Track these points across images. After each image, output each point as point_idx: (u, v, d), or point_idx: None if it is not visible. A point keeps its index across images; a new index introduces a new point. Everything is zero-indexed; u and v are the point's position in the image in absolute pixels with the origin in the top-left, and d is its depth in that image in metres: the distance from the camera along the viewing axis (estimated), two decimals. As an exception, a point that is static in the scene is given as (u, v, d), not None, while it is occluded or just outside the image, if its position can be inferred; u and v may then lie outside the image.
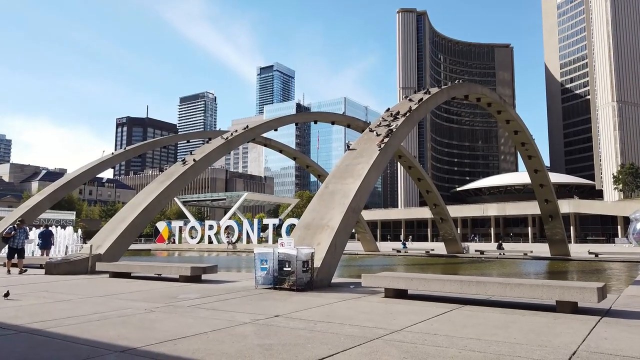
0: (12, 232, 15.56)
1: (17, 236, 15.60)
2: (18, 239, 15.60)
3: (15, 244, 15.46)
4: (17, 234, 15.59)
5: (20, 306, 8.51)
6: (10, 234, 15.54)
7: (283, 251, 10.85)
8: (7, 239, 15.65)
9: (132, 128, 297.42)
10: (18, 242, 15.58)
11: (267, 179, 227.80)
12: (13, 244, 15.46)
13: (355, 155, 14.95)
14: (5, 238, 15.83)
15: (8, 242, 15.62)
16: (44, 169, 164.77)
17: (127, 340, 5.82)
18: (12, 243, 15.48)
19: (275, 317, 7.37)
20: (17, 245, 15.49)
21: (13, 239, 15.49)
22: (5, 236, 15.84)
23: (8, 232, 15.67)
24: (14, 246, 15.44)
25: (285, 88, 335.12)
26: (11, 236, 15.51)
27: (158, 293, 10.37)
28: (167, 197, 18.52)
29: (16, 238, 15.55)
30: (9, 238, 15.55)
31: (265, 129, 24.32)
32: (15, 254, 15.46)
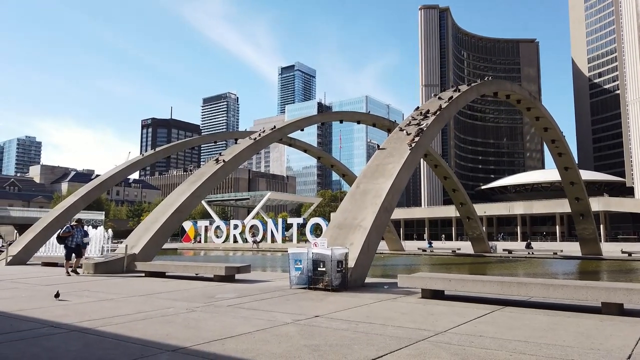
0: (70, 232, 15.31)
1: (75, 235, 15.34)
2: (75, 238, 15.34)
3: (72, 242, 15.20)
4: (74, 234, 15.34)
5: (67, 305, 8.76)
6: (68, 233, 15.28)
7: (317, 251, 10.89)
8: (64, 238, 15.33)
9: (156, 129, 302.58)
10: (76, 241, 15.30)
11: (289, 178, 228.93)
12: (71, 243, 15.15)
13: (385, 155, 14.89)
14: (62, 238, 15.46)
15: (65, 242, 15.28)
16: (73, 170, 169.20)
17: (176, 339, 5.93)
18: (69, 242, 15.17)
19: (315, 317, 7.40)
20: (73, 244, 15.18)
21: (70, 239, 15.24)
22: (62, 236, 15.49)
23: (65, 232, 15.40)
24: (71, 245, 15.14)
25: (307, 87, 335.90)
26: (69, 235, 15.26)
27: (195, 292, 10.53)
28: (198, 197, 18.78)
29: (74, 237, 15.30)
30: (66, 238, 15.29)
31: (292, 128, 24.43)
32: (73, 253, 15.16)
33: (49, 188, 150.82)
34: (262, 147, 23.43)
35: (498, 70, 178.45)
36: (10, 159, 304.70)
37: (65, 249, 15.20)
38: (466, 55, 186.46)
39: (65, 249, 15.24)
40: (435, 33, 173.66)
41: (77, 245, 15.28)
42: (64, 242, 15.30)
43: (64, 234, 15.32)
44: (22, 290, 11.35)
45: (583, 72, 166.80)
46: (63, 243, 15.36)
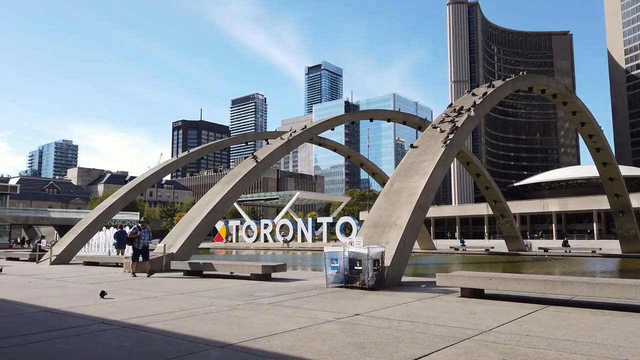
0: (138, 232, 14.70)
1: (142, 236, 14.70)
2: (143, 239, 14.70)
3: (139, 244, 14.60)
4: (141, 234, 14.72)
5: (113, 303, 9.07)
6: (135, 234, 14.67)
7: (353, 250, 10.92)
8: (132, 239, 14.75)
9: (187, 131, 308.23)
10: (143, 242, 14.68)
11: (317, 177, 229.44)
12: (138, 245, 14.60)
13: (419, 153, 14.78)
14: (130, 239, 14.89)
15: (133, 243, 14.75)
16: (108, 172, 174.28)
17: (222, 336, 6.07)
18: (136, 244, 14.61)
19: (356, 315, 7.44)
20: (141, 246, 14.62)
21: (138, 240, 14.63)
22: (130, 237, 14.91)
23: (133, 233, 14.81)
24: (138, 247, 14.58)
25: (334, 86, 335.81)
26: (136, 236, 14.63)
27: (234, 291, 10.72)
28: (232, 197, 19.08)
29: (141, 238, 14.66)
30: (134, 239, 14.69)
31: (323, 128, 24.51)
32: (140, 255, 14.64)
33: (85, 190, 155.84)
34: (293, 147, 23.60)
35: (530, 65, 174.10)
36: (49, 162, 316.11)
37: (132, 250, 14.79)
38: (496, 50, 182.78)
39: (132, 250, 14.84)
40: (464, 28, 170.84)
41: (144, 248, 14.69)
42: (131, 243, 14.82)
43: (132, 235, 14.82)
44: (69, 288, 11.80)
45: (619, 64, 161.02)
46: (131, 244, 14.92)
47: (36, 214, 65.42)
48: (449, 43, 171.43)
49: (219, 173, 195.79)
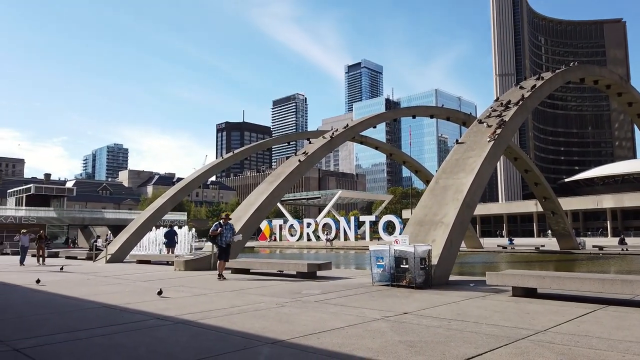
0: (219, 229, 13.56)
1: (225, 233, 13.57)
2: (225, 236, 13.59)
3: (222, 241, 13.52)
4: (223, 231, 13.57)
5: (167, 300, 9.41)
6: (217, 232, 13.53)
7: (399, 248, 10.84)
8: (215, 237, 13.63)
9: (230, 132, 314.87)
10: (226, 240, 13.58)
11: (359, 176, 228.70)
12: (221, 242, 13.51)
13: (465, 149, 14.47)
14: (213, 237, 13.73)
15: (215, 241, 13.67)
16: (157, 174, 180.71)
17: (272, 332, 6.19)
18: (220, 241, 13.52)
19: (404, 314, 7.39)
20: (224, 243, 13.55)
21: (220, 237, 13.53)
22: (212, 235, 13.70)
23: (214, 230, 13.61)
24: (222, 244, 13.50)
25: (374, 84, 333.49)
26: (218, 234, 13.52)
27: (282, 288, 10.88)
28: (276, 196, 19.35)
29: (223, 235, 13.54)
30: (216, 237, 13.60)
31: (365, 126, 24.41)
32: (223, 253, 13.52)
33: (136, 191, 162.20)
34: (335, 146, 23.64)
35: (580, 55, 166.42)
36: (101, 165, 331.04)
37: (217, 248, 13.75)
38: (543, 41, 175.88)
39: (217, 249, 13.81)
40: (509, 19, 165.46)
41: (227, 245, 13.59)
42: (214, 241, 13.77)
43: (213, 233, 13.63)
44: (125, 285, 12.33)
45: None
46: (214, 242, 13.86)
47: (91, 215, 68.72)
48: (493, 35, 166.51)
49: (262, 173, 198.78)
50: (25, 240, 21.97)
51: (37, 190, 63.82)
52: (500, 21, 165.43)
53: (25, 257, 21.96)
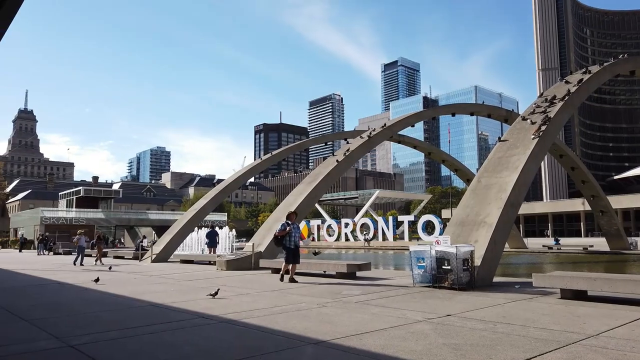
0: (287, 228, 12.46)
1: (293, 233, 12.49)
2: (294, 237, 12.50)
3: (291, 242, 12.42)
4: (292, 230, 12.50)
5: (211, 299, 9.61)
6: (285, 231, 12.44)
7: (440, 249, 10.66)
8: (282, 238, 12.53)
9: (268, 134, 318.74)
10: (294, 240, 12.51)
11: (396, 175, 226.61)
12: (289, 243, 12.41)
13: (508, 147, 14.07)
14: (279, 238, 12.60)
15: (283, 242, 12.53)
16: (197, 176, 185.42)
17: (315, 333, 6.22)
18: (288, 242, 12.43)
19: (447, 316, 7.26)
20: (293, 244, 12.46)
21: (288, 238, 12.46)
22: (278, 235, 12.59)
23: (281, 230, 12.50)
24: (290, 246, 12.39)
25: (411, 82, 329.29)
26: (286, 233, 12.44)
27: (322, 289, 10.91)
28: (315, 197, 19.43)
29: (292, 236, 12.46)
30: (283, 237, 12.51)
31: (402, 125, 24.16)
32: (292, 256, 12.43)
33: (178, 193, 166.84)
34: (373, 146, 23.51)
35: (628, 46, 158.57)
36: (145, 167, 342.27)
37: (285, 250, 12.62)
38: (589, 33, 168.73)
39: (284, 250, 12.65)
40: (552, 11, 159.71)
41: (296, 247, 12.53)
42: (281, 243, 12.59)
43: (280, 233, 12.53)
44: (170, 285, 12.69)
45: None
46: (281, 244, 12.66)
47: (136, 216, 71.22)
48: (536, 28, 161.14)
49: (299, 174, 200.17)
50: (83, 241, 22.37)
51: (86, 193, 66.72)
52: (543, 13, 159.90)
53: (83, 257, 22.30)
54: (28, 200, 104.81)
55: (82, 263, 21.60)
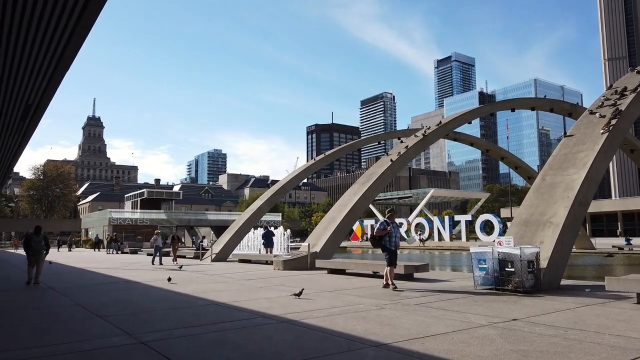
0: (387, 227, 11.10)
1: (393, 233, 11.16)
2: (394, 237, 11.17)
3: (392, 243, 11.08)
4: (391, 231, 11.14)
5: (270, 299, 9.80)
6: (383, 232, 11.08)
7: (503, 250, 10.27)
8: (380, 238, 11.15)
9: (320, 134, 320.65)
10: (396, 241, 11.20)
11: (452, 174, 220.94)
12: (390, 244, 11.05)
13: (574, 142, 13.34)
14: (378, 238, 11.21)
15: (382, 242, 11.12)
16: (252, 177, 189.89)
17: (375, 335, 6.17)
18: (388, 243, 11.05)
19: (513, 320, 6.98)
20: (394, 245, 11.13)
21: (389, 238, 11.10)
22: (377, 234, 11.21)
23: (381, 229, 11.14)
24: (391, 247, 11.03)
25: (466, 78, 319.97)
26: (386, 233, 11.07)
27: (379, 290, 10.83)
28: (369, 197, 19.32)
29: (392, 235, 11.13)
30: (382, 237, 11.12)
31: (459, 122, 23.51)
32: (395, 258, 11.17)
33: (234, 194, 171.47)
34: (428, 144, 23.05)
35: None
36: (203, 169, 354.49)
37: (385, 252, 11.15)
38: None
39: (384, 252, 11.21)
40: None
41: (396, 249, 11.24)
42: (380, 243, 11.20)
43: (379, 233, 11.16)
44: (230, 284, 13.06)
45: None
46: (380, 245, 11.24)
47: (196, 217, 73.97)
48: (601, 16, 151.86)
49: (352, 173, 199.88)
50: (160, 241, 22.74)
51: (150, 195, 70.04)
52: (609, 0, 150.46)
53: (162, 256, 22.63)
54: (97, 202, 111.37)
55: (161, 262, 21.85)
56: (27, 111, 7.44)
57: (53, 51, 5.47)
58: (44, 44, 5.30)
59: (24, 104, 7.18)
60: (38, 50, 5.45)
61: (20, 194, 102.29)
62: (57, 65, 5.81)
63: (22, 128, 8.48)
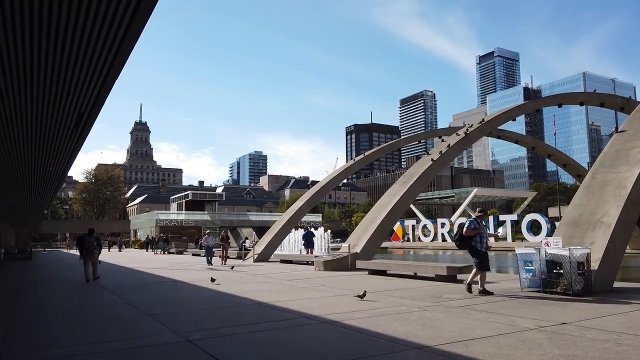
0: (478, 227, 10.17)
1: (484, 234, 10.26)
2: (484, 238, 10.27)
3: (483, 245, 10.20)
4: (482, 231, 10.24)
5: (312, 299, 9.89)
6: (474, 231, 10.13)
7: (551, 251, 9.93)
8: (469, 238, 10.22)
9: (359, 134, 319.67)
10: (486, 243, 10.34)
11: (496, 172, 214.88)
12: (481, 246, 10.14)
13: (627, 138, 12.72)
14: (465, 238, 10.28)
15: (471, 243, 10.20)
16: (292, 178, 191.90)
17: (417, 337, 6.12)
18: (479, 245, 10.14)
19: (562, 324, 6.75)
20: (484, 247, 10.22)
21: (480, 239, 10.17)
22: (466, 235, 10.22)
23: (471, 229, 10.13)
24: (482, 249, 10.14)
25: (509, 73, 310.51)
26: (476, 233, 10.14)
27: (421, 291, 10.71)
28: (410, 197, 19.12)
29: (484, 237, 10.25)
30: (471, 238, 10.21)
31: (503, 120, 22.82)
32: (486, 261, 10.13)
33: (275, 195, 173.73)
34: (471, 142, 22.52)
35: None
36: (244, 171, 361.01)
37: (474, 255, 10.16)
38: None
39: (473, 255, 10.20)
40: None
41: (486, 251, 10.26)
42: (468, 245, 10.26)
43: (469, 232, 10.16)
44: (272, 284, 13.25)
45: None
46: (467, 247, 10.32)
47: (238, 218, 75.50)
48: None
49: (392, 173, 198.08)
50: (210, 241, 23.04)
51: (194, 196, 72.04)
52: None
53: (212, 257, 22.86)
54: (144, 204, 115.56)
55: (210, 262, 21.98)
56: (80, 118, 7.84)
57: (104, 61, 5.76)
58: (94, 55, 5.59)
59: (77, 111, 7.57)
60: (90, 61, 5.75)
61: (74, 196, 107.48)
62: (108, 73, 6.11)
63: (76, 135, 8.95)
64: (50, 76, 6.08)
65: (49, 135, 8.93)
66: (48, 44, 5.23)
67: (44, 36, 5.08)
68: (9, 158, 11.14)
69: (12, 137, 9.23)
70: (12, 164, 12.15)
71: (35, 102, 7.05)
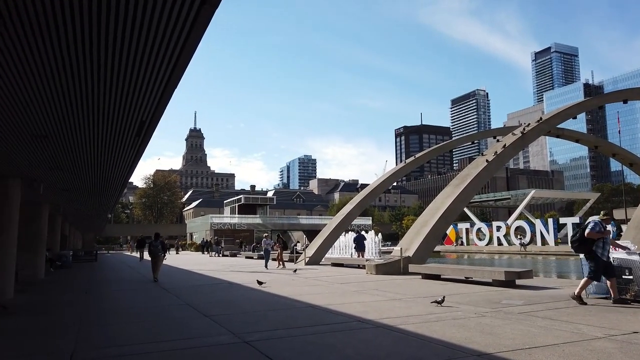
0: (604, 230, 9.17)
1: (606, 240, 9.13)
2: (606, 245, 9.11)
3: (605, 251, 9.05)
4: (608, 234, 9.23)
5: (365, 303, 9.83)
6: (601, 234, 9.08)
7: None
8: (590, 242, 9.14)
9: (409, 136, 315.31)
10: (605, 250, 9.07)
11: (554, 173, 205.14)
12: (603, 253, 9.01)
13: None
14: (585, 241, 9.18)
15: (594, 247, 9.07)
16: (342, 181, 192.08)
17: (476, 344, 5.94)
18: (601, 249, 9.00)
19: (634, 333, 6.33)
20: (606, 255, 9.09)
21: (603, 244, 9.05)
22: (589, 236, 9.10)
23: (597, 232, 9.07)
24: (602, 256, 9.01)
25: (568, 69, 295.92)
26: (601, 236, 9.04)
27: (478, 297, 10.39)
28: (463, 200, 18.61)
29: (607, 243, 9.13)
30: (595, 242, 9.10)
31: (562, 118, 21.77)
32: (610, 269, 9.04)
33: (325, 198, 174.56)
34: (528, 142, 21.62)
35: None
36: (294, 175, 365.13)
37: (592, 262, 9.13)
38: None
39: (590, 262, 9.19)
40: None
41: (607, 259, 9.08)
42: (585, 249, 9.23)
43: (592, 235, 9.06)
44: (324, 287, 13.30)
45: None
46: (584, 251, 9.28)
47: (289, 221, 76.42)
48: None
49: (443, 175, 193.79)
50: (269, 243, 23.17)
51: (246, 200, 73.62)
52: None
53: (268, 260, 22.98)
54: (199, 208, 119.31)
55: (267, 265, 22.11)
56: (142, 127, 8.23)
57: (164, 72, 6.02)
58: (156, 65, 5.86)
59: (139, 120, 7.95)
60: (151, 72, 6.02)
61: (135, 201, 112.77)
62: (168, 83, 6.38)
63: (137, 143, 9.41)
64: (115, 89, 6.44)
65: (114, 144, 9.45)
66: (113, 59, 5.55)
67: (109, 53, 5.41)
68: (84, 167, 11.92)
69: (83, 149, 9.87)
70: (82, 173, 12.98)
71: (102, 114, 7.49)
